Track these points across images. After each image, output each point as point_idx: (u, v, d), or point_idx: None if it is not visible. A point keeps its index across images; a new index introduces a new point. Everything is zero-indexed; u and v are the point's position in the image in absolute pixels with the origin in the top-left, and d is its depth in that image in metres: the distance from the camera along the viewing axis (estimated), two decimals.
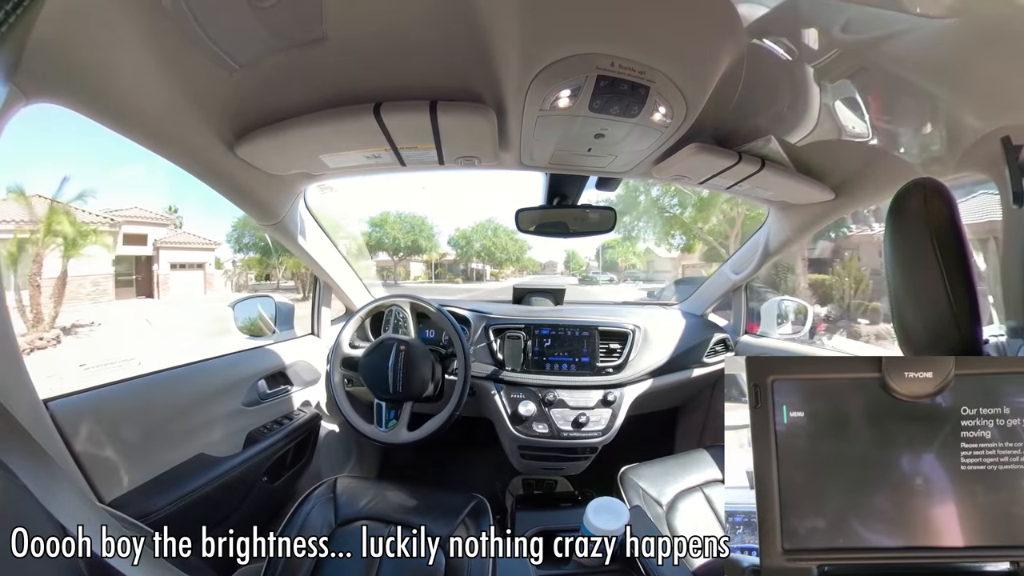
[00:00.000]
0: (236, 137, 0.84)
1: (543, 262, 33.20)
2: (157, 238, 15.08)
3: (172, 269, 15.40)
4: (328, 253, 1.42)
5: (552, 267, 33.32)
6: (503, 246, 26.25)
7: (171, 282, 15.23)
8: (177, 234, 15.98)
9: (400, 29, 0.65)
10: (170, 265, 15.32)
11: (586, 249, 33.63)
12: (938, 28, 0.60)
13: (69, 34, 0.55)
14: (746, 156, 0.98)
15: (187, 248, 15.97)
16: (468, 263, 27.12)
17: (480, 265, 27.50)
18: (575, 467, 1.57)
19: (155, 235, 15.08)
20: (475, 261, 27.06)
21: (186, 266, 15.86)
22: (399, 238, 23.06)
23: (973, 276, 0.52)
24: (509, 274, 28.15)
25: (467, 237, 26.48)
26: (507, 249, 26.39)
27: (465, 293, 6.46)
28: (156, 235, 15.12)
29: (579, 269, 31.57)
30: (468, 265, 27.24)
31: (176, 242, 15.67)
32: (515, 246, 26.56)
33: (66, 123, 15.60)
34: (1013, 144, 0.59)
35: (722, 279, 1.77)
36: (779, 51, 0.70)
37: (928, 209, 0.54)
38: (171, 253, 15.45)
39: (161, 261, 15.08)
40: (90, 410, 0.81)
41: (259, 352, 1.30)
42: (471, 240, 26.36)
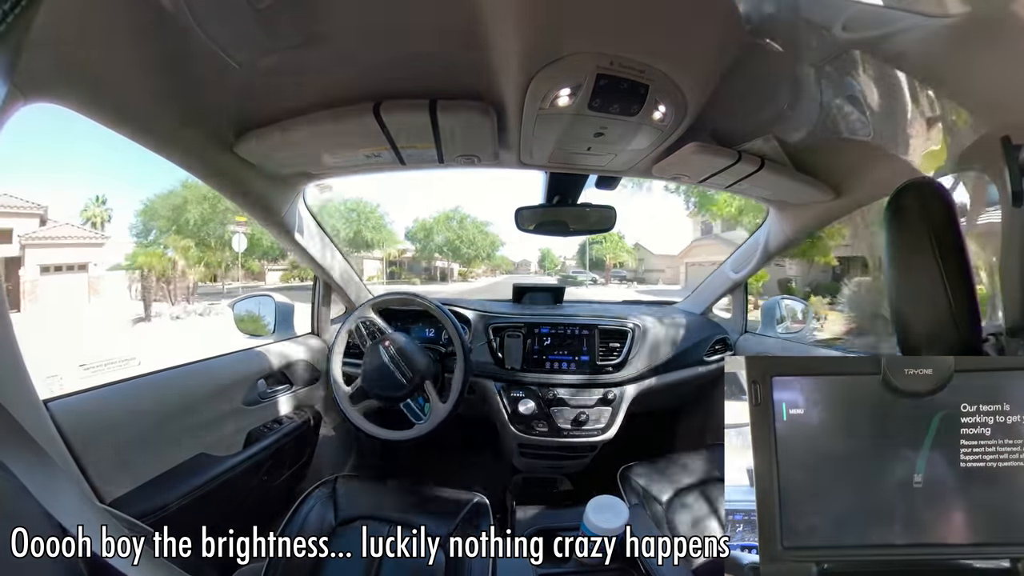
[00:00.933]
0: (236, 136, 0.84)
1: (516, 260, 30.49)
2: (26, 233, 11.40)
3: (44, 272, 11.70)
4: (328, 252, 1.42)
5: (525, 266, 31.07)
6: (471, 240, 22.54)
7: (41, 289, 11.49)
8: (52, 228, 12.16)
9: (400, 28, 0.65)
10: (40, 267, 11.65)
11: (563, 248, 30.68)
12: (938, 27, 0.60)
13: (68, 34, 0.55)
14: (745, 155, 0.98)
15: (65, 245, 12.22)
16: (431, 260, 23.60)
17: (445, 263, 24.19)
18: (575, 466, 1.57)
19: (23, 229, 11.41)
20: (439, 258, 23.73)
21: (63, 268, 12.17)
22: (339, 228, 18.35)
23: (971, 275, 0.53)
24: (481, 273, 24.92)
25: (427, 229, 22.29)
26: (476, 243, 22.73)
27: None
28: (24, 229, 11.41)
29: (554, 268, 28.83)
30: (431, 263, 23.84)
31: (50, 238, 11.92)
32: (485, 241, 23.29)
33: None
34: (1013, 144, 0.59)
35: (721, 278, 1.77)
36: (779, 50, 0.70)
37: (926, 208, 0.54)
38: (42, 252, 11.71)
39: (28, 263, 11.39)
40: (90, 410, 0.81)
41: (259, 351, 1.30)
42: (432, 233, 22.18)
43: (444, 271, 24.61)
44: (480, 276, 24.58)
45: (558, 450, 1.48)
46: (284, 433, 1.22)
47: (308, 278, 1.62)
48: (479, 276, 24.54)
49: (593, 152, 0.96)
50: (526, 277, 26.00)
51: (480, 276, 24.58)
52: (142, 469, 0.87)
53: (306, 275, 1.59)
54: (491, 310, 1.62)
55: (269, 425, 1.23)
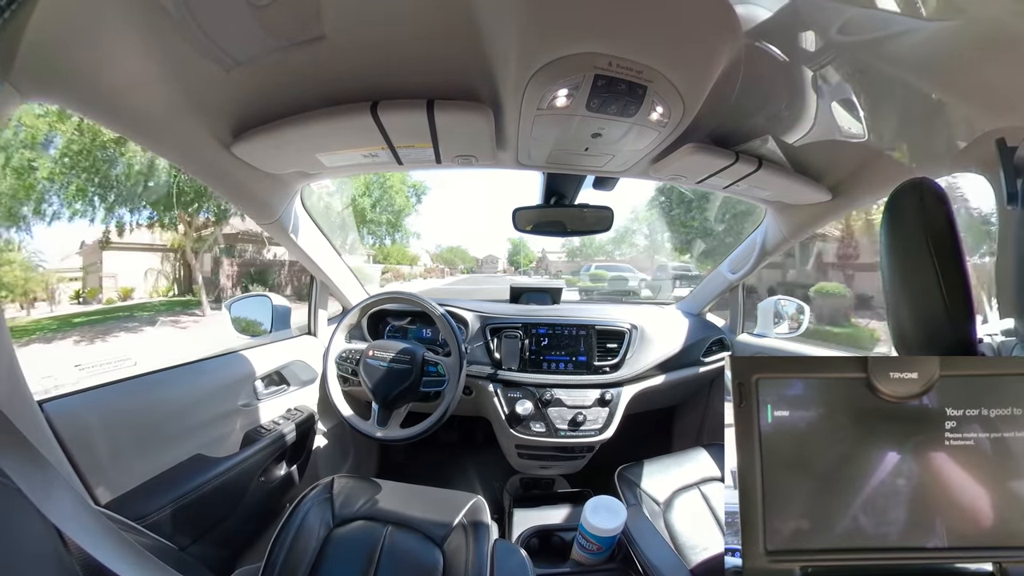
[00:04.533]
0: (233, 135, 0.83)
1: (480, 257, 25.13)
2: None
3: None
4: (324, 251, 1.42)
5: (492, 263, 26.73)
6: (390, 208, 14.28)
7: None
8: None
9: (398, 28, 0.65)
10: None
11: (543, 242, 22.86)
12: (935, 30, 0.60)
13: (65, 32, 0.54)
14: (743, 156, 0.98)
15: None
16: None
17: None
18: (572, 466, 1.57)
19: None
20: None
21: None
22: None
23: (968, 276, 0.53)
24: (418, 274, 17.38)
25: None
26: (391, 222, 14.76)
27: None
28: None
29: (528, 265, 24.30)
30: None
31: None
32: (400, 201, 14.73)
33: None
34: (1008, 145, 0.59)
35: (719, 279, 1.77)
36: (776, 52, 0.70)
37: (923, 209, 0.54)
38: None
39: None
40: (85, 411, 0.80)
41: (255, 352, 1.29)
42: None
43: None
44: (416, 278, 16.38)
45: (555, 451, 1.49)
46: (281, 434, 1.22)
47: None
48: (415, 278, 16.54)
49: (591, 153, 0.96)
50: (492, 279, 19.07)
51: (416, 278, 16.38)
52: (138, 470, 0.87)
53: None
54: (488, 311, 1.62)
55: (266, 426, 1.23)
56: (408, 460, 2.06)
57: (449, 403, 1.23)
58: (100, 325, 9.36)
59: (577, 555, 1.16)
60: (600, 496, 1.14)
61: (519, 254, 25.02)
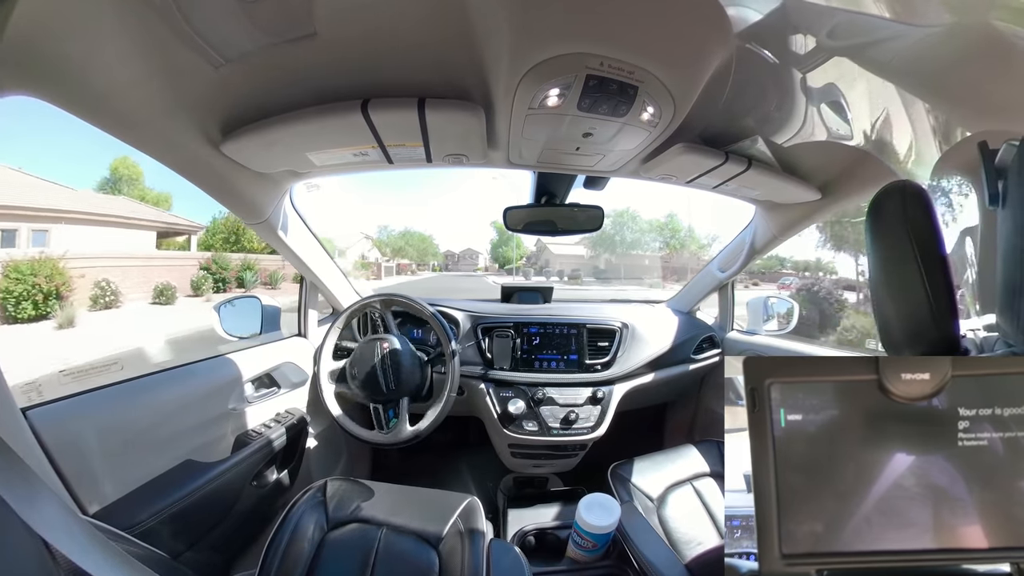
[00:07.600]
0: (222, 134, 0.82)
1: (457, 251, 21.91)
2: None
3: None
4: (314, 252, 1.40)
5: (470, 258, 23.15)
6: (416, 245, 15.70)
7: None
8: None
9: (389, 26, 0.64)
10: None
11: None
12: (922, 36, 0.61)
13: (48, 25, 0.53)
14: (733, 156, 0.99)
15: None
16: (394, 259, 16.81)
17: (394, 263, 18.61)
18: (566, 464, 1.58)
19: None
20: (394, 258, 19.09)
21: None
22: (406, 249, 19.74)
23: (951, 275, 0.54)
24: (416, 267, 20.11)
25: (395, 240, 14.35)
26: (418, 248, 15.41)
27: None
28: None
29: (517, 261, 21.57)
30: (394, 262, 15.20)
31: None
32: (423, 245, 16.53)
33: None
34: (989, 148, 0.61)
35: (709, 277, 1.79)
36: (767, 54, 0.71)
37: (907, 210, 0.55)
38: None
39: None
40: (71, 418, 0.79)
41: (245, 355, 1.28)
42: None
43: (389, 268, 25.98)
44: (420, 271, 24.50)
45: (548, 449, 1.49)
46: (272, 437, 1.20)
47: None
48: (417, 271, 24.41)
49: (582, 152, 0.96)
50: (471, 279, 19.88)
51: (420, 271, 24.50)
52: (128, 478, 0.85)
53: None
54: (479, 310, 1.62)
55: (257, 429, 1.21)
56: (401, 461, 2.05)
57: (444, 403, 1.23)
58: None
59: (572, 553, 1.17)
60: (594, 493, 1.15)
61: (506, 246, 21.99)
